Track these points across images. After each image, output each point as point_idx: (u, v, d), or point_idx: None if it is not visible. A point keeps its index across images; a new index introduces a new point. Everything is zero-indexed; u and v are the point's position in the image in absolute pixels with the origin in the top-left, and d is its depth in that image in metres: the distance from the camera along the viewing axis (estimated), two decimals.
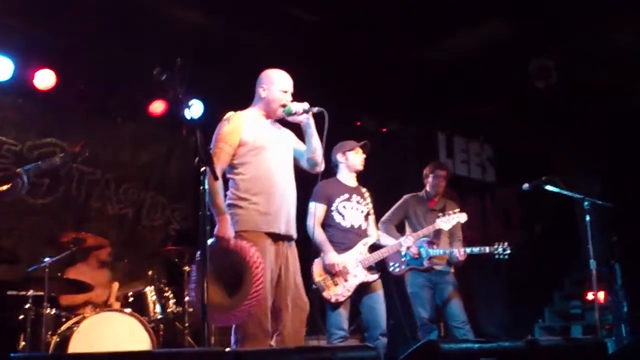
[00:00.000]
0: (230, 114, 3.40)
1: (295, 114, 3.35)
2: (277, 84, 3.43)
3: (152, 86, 3.29)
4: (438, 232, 4.84)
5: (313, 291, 4.06)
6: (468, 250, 4.67)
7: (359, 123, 7.03)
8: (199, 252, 3.00)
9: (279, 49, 5.72)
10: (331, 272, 4.10)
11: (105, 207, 6.10)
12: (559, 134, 7.26)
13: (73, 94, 5.75)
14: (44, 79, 5.52)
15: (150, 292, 4.76)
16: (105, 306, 4.68)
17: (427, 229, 4.63)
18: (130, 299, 4.71)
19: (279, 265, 3.27)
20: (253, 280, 3.02)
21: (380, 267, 4.40)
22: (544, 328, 7.24)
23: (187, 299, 4.89)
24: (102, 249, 4.95)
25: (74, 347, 4.00)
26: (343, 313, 4.10)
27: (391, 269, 4.87)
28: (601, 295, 6.42)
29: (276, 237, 3.28)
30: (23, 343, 4.19)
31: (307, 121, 3.36)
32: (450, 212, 4.68)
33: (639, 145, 6.73)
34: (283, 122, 3.55)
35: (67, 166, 5.66)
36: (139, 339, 4.29)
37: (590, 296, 6.59)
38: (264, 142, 3.36)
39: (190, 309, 4.91)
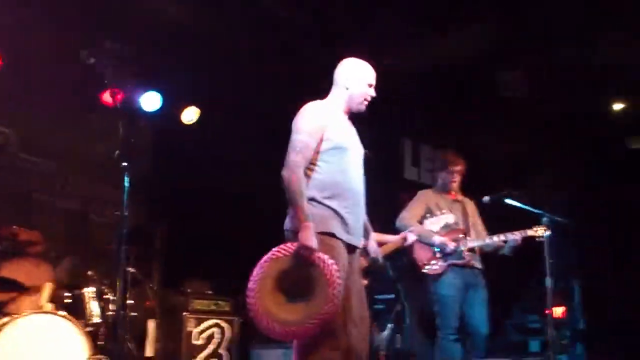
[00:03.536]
0: (311, 104, 3.13)
1: None
2: (364, 76, 3.19)
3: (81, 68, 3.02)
4: (467, 225, 4.60)
5: None
6: (513, 235, 4.46)
7: None
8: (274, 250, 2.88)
9: (242, 42, 5.54)
10: None
11: (50, 201, 5.76)
12: (529, 144, 7.18)
13: (19, 78, 5.42)
14: None
15: (88, 293, 4.46)
16: (37, 308, 4.38)
17: (421, 228, 4.42)
18: (67, 301, 4.41)
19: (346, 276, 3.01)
20: (327, 300, 2.78)
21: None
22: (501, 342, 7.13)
23: (131, 302, 4.62)
24: (36, 245, 4.64)
25: None
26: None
27: (427, 268, 4.50)
28: (560, 310, 6.34)
29: (350, 249, 3.06)
30: None
31: None
32: (438, 212, 4.50)
33: (604, 162, 6.69)
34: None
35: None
36: (72, 343, 4.01)
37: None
38: (347, 143, 3.12)
39: (133, 313, 4.63)
